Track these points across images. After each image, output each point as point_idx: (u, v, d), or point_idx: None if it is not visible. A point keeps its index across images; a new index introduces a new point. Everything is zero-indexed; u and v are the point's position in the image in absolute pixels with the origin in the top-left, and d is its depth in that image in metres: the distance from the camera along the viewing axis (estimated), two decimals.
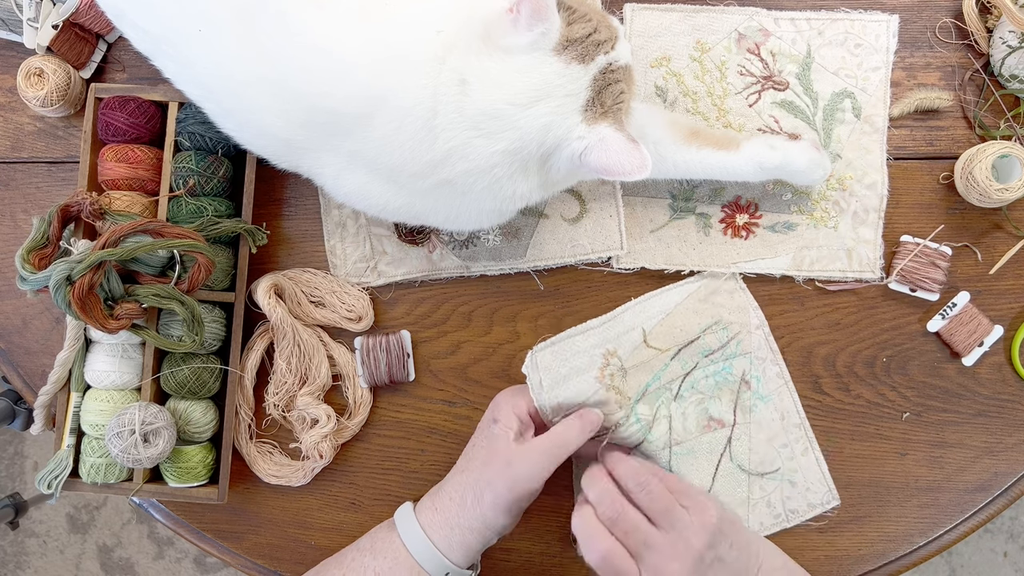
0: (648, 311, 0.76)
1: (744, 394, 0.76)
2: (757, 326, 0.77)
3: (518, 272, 0.78)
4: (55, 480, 0.73)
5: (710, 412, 0.75)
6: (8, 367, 0.81)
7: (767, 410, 0.76)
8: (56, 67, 0.75)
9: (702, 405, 0.75)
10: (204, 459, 0.75)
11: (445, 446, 0.79)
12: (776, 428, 0.76)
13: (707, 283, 0.77)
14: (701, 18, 0.77)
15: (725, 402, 0.76)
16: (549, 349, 0.72)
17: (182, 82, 0.68)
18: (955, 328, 0.76)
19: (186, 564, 1.73)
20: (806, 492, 0.76)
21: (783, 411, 0.76)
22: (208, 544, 0.81)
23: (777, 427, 0.76)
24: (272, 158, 0.68)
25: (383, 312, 0.79)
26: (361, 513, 0.80)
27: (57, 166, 0.80)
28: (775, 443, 0.76)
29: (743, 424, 0.76)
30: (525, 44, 0.58)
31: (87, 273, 0.65)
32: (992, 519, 0.78)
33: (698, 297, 0.77)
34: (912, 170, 0.77)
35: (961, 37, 0.77)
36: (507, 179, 0.61)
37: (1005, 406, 0.77)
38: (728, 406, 0.76)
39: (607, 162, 0.59)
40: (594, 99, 0.60)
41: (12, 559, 1.76)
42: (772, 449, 0.76)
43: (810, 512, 0.76)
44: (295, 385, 0.77)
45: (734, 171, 0.72)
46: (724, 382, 0.76)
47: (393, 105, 0.60)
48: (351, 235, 0.78)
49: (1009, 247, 0.76)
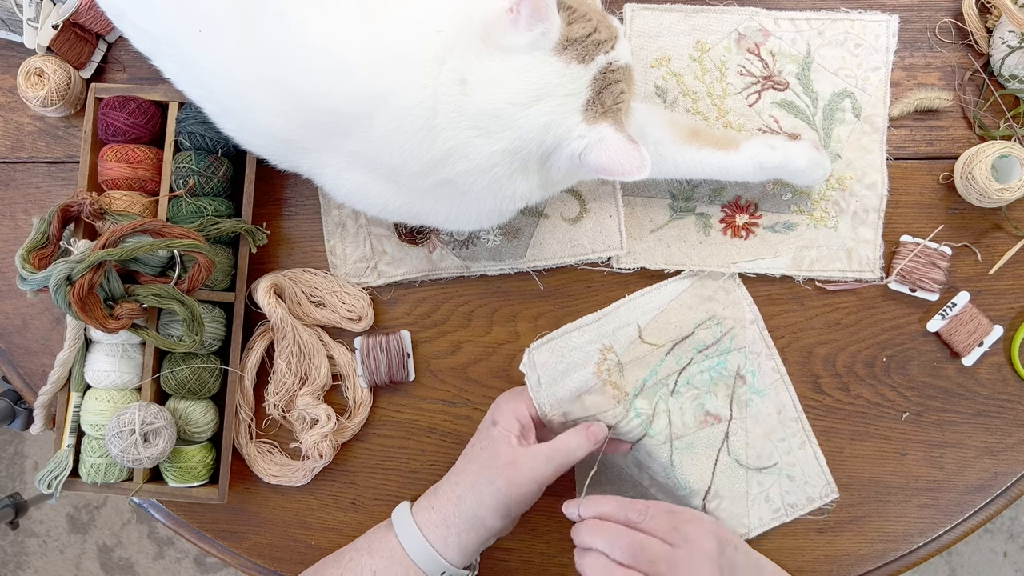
0: (643, 307, 0.76)
1: (739, 389, 0.76)
2: (751, 321, 0.77)
3: (518, 272, 0.78)
4: (55, 480, 0.73)
5: (706, 407, 0.75)
6: (8, 367, 0.81)
7: (764, 404, 0.76)
8: (56, 67, 0.75)
9: (698, 400, 0.75)
10: (204, 459, 0.75)
11: (445, 446, 0.79)
12: (773, 422, 0.76)
13: (701, 279, 0.77)
14: (701, 18, 0.77)
15: (721, 397, 0.76)
16: (546, 346, 0.73)
17: (182, 82, 0.68)
18: (955, 328, 0.76)
19: (186, 564, 1.73)
20: (804, 486, 0.76)
21: (780, 405, 0.76)
22: (208, 544, 0.81)
23: (774, 421, 0.76)
24: (272, 158, 0.68)
25: (383, 312, 0.79)
26: (361, 513, 0.80)
27: (57, 166, 0.80)
28: (772, 437, 0.76)
29: (739, 419, 0.76)
30: (525, 44, 0.58)
31: (87, 273, 0.65)
32: (992, 519, 0.78)
33: (692, 292, 0.77)
34: (912, 170, 0.77)
35: (961, 37, 0.77)
36: (507, 179, 0.61)
37: (1005, 406, 0.77)
38: (724, 401, 0.76)
39: (607, 162, 0.59)
40: (594, 99, 0.60)
41: (12, 559, 1.76)
42: (770, 443, 0.76)
43: (809, 506, 0.76)
44: (295, 385, 0.77)
45: (734, 171, 0.72)
46: (719, 377, 0.76)
47: (393, 105, 0.60)
48: (351, 235, 0.78)
49: (1009, 247, 0.76)
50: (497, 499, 0.66)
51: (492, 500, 0.66)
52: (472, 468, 0.69)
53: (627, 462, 0.76)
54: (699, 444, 0.75)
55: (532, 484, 0.66)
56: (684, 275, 0.77)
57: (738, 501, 0.76)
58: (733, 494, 0.75)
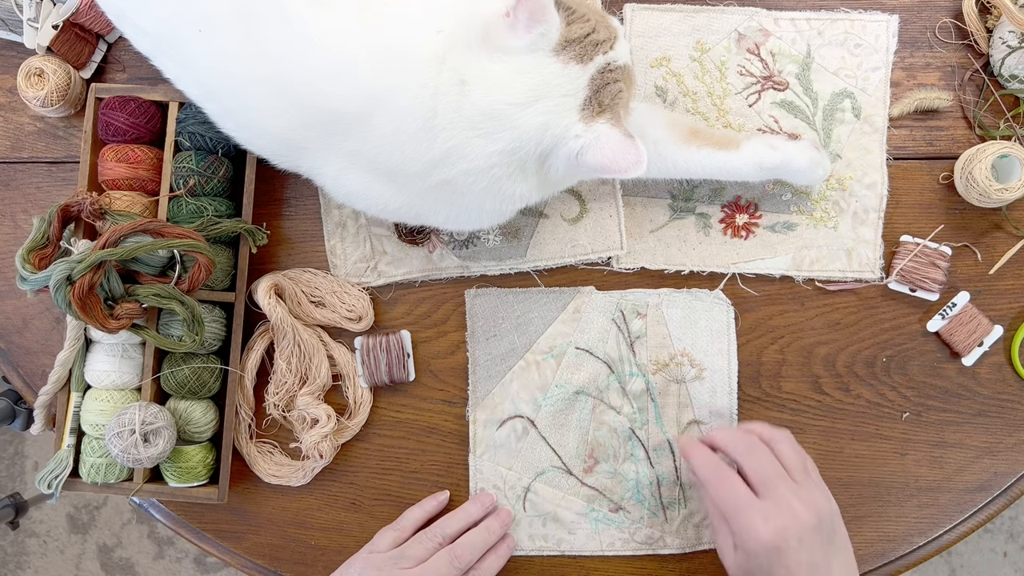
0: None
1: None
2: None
3: (518, 272, 0.78)
4: (55, 480, 0.73)
5: None
6: (8, 367, 0.81)
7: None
8: (56, 67, 0.75)
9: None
10: (204, 459, 0.75)
11: (445, 446, 0.79)
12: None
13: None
14: (701, 18, 0.77)
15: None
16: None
17: (182, 82, 0.68)
18: (955, 328, 0.76)
19: (186, 564, 1.74)
20: None
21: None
22: (208, 544, 0.81)
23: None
24: (272, 158, 0.68)
25: (383, 312, 0.79)
26: (361, 513, 0.80)
27: (57, 166, 0.80)
28: None
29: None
30: (524, 45, 0.58)
31: (87, 273, 0.65)
32: (992, 519, 0.78)
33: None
34: (912, 170, 0.77)
35: (961, 37, 0.77)
36: (506, 179, 0.61)
37: (1005, 406, 0.77)
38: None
39: (603, 160, 0.59)
40: (592, 98, 0.60)
41: (12, 559, 1.76)
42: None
43: None
44: (295, 385, 0.77)
45: (734, 171, 0.72)
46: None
47: (393, 105, 0.60)
48: (351, 235, 0.78)
49: (1009, 247, 0.76)
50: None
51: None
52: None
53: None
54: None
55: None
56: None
57: None
58: None
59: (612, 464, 0.77)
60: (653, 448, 0.77)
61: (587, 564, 0.78)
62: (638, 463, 0.77)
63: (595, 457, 0.77)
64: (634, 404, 0.77)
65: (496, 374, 0.78)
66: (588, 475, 0.77)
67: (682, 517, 0.77)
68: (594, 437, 0.77)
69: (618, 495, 0.77)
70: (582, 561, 0.78)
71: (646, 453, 0.77)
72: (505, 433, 0.77)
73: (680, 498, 0.77)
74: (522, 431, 0.77)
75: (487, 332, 0.77)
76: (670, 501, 0.77)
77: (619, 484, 0.77)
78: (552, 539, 0.78)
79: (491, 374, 0.78)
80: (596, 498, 0.77)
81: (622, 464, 0.77)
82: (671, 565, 0.78)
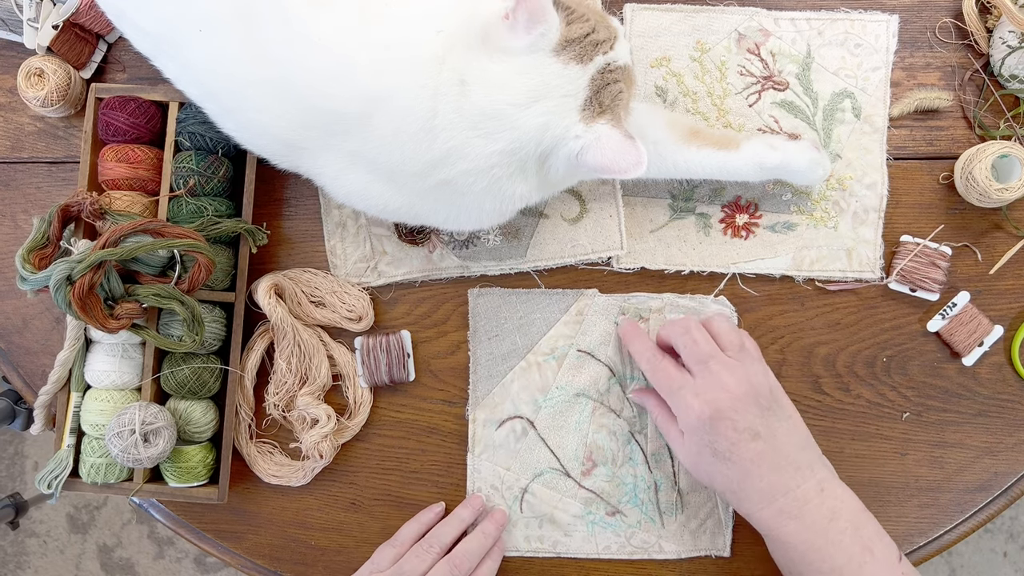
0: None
1: None
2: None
3: (518, 272, 0.78)
4: (55, 480, 0.73)
5: None
6: (8, 367, 0.81)
7: None
8: (56, 67, 0.75)
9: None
10: (204, 459, 0.75)
11: (445, 446, 0.79)
12: None
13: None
14: (701, 18, 0.77)
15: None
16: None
17: (182, 82, 0.68)
18: (955, 328, 0.76)
19: (186, 564, 1.74)
20: None
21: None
22: (208, 544, 0.81)
23: None
24: (272, 158, 0.68)
25: (383, 312, 0.79)
26: (361, 513, 0.80)
27: (57, 166, 0.80)
28: None
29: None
30: (524, 46, 0.58)
31: (87, 273, 0.65)
32: (992, 519, 0.78)
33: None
34: (912, 170, 0.77)
35: (961, 37, 0.77)
36: (506, 179, 0.61)
37: (1005, 406, 0.77)
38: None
39: (603, 161, 0.59)
40: (592, 99, 0.60)
41: (12, 559, 1.76)
42: None
43: None
44: (295, 385, 0.77)
45: (734, 171, 0.72)
46: None
47: (393, 105, 0.60)
48: (351, 235, 0.78)
49: (1009, 247, 0.76)
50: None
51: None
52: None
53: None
54: None
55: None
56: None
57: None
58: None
59: (610, 467, 0.77)
60: (652, 453, 0.77)
61: (587, 564, 0.78)
62: (636, 467, 0.77)
63: (593, 460, 0.77)
64: (634, 408, 0.77)
65: (497, 374, 0.78)
66: (586, 478, 0.77)
67: (679, 523, 0.77)
68: (593, 440, 0.77)
69: (615, 499, 0.77)
70: (582, 561, 0.78)
71: (645, 458, 0.77)
72: (504, 433, 0.77)
73: (677, 504, 0.77)
74: (521, 432, 0.77)
75: (489, 332, 0.77)
76: (667, 506, 0.77)
77: (617, 488, 0.77)
78: (548, 540, 0.78)
79: (492, 374, 0.78)
80: (593, 501, 0.77)
81: (620, 468, 0.77)
82: (671, 565, 0.78)
